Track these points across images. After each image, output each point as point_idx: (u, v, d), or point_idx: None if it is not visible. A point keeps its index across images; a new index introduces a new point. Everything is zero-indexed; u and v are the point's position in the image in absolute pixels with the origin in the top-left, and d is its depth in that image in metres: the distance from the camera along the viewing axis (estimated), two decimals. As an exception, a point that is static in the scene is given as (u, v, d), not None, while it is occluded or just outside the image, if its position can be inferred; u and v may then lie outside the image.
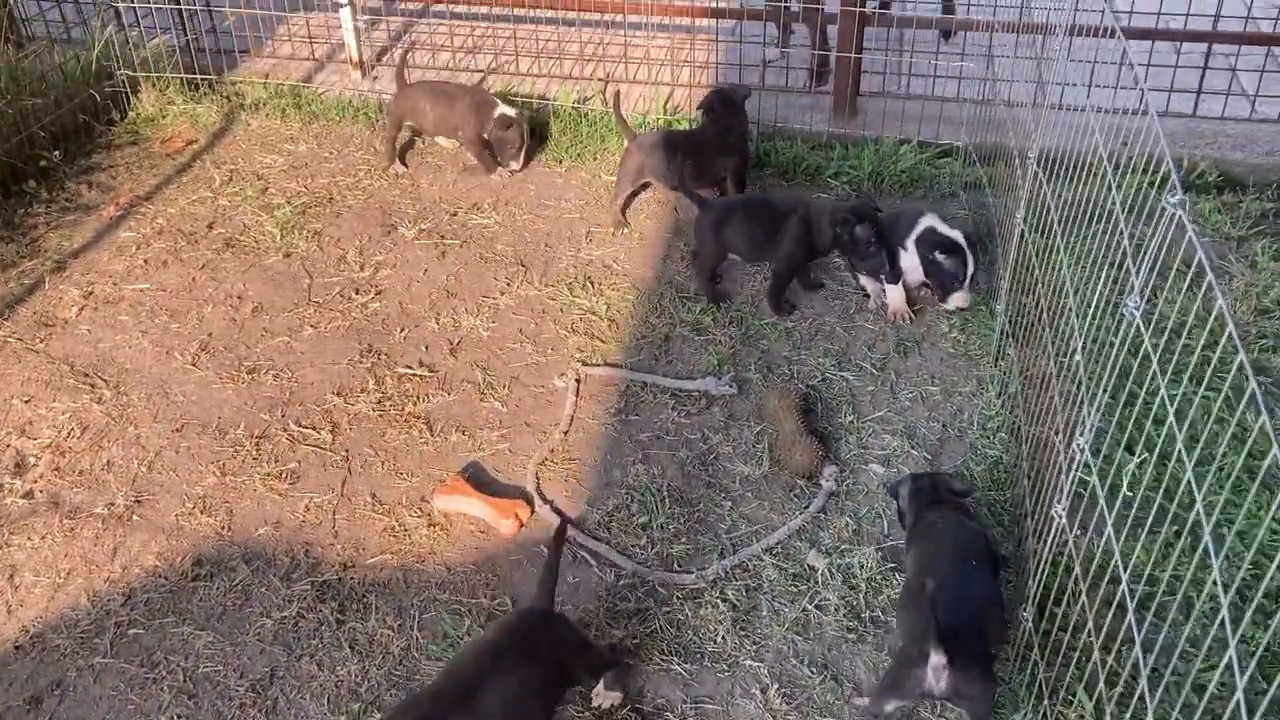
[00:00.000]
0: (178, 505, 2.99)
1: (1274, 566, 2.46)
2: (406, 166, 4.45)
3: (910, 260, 3.55)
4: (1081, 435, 2.11)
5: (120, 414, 3.30)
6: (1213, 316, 2.92)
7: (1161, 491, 2.65)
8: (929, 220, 3.55)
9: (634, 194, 4.12)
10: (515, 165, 4.31)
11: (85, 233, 4.11)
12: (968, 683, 2.21)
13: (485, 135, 4.27)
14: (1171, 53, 4.64)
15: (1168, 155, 1.94)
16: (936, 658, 2.17)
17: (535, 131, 4.48)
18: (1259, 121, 4.37)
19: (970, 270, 3.48)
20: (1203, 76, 4.38)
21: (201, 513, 2.97)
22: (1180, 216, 1.80)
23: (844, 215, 3.47)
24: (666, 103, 4.67)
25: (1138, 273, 1.93)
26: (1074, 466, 2.14)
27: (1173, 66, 4.48)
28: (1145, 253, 1.89)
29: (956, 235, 3.50)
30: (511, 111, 4.24)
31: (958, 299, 3.51)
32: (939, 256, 3.47)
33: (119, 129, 4.75)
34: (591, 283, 3.77)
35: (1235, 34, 4.43)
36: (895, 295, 3.56)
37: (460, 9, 5.19)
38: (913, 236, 3.54)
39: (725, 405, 3.24)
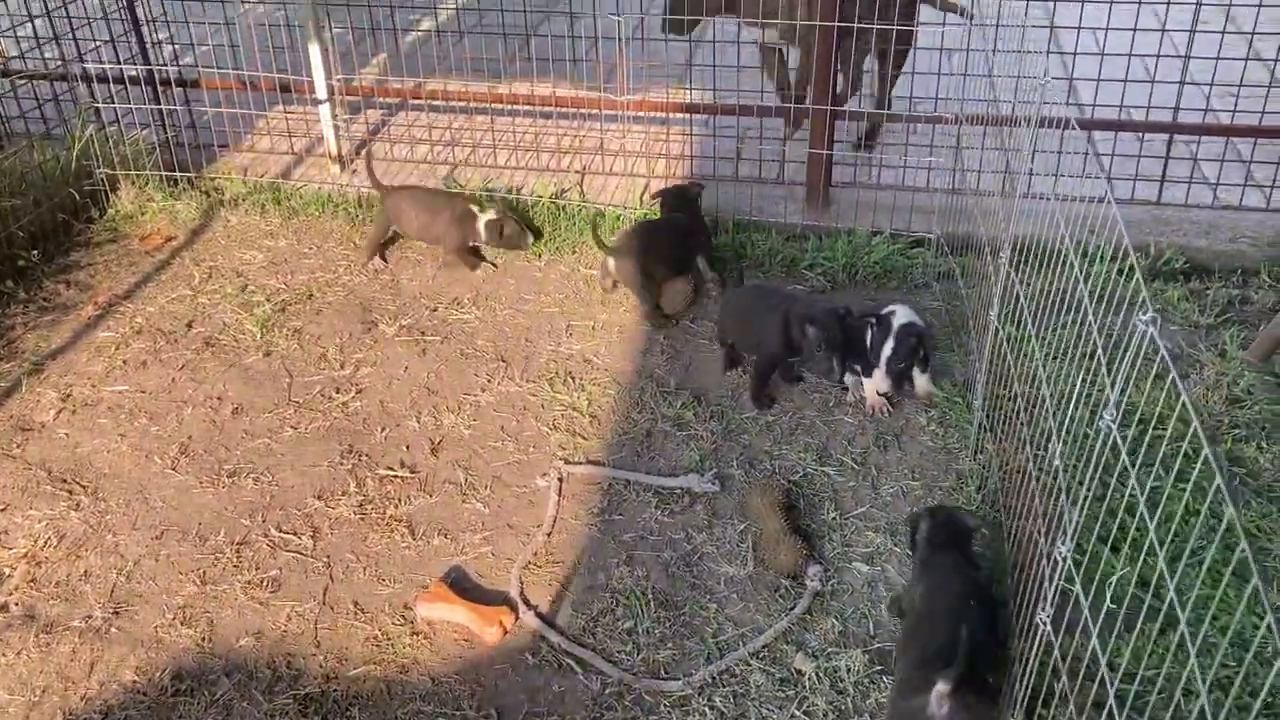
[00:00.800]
0: (157, 616, 2.96)
1: (1248, 656, 2.48)
2: (386, 262, 4.48)
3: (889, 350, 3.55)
4: (1063, 543, 2.13)
5: (98, 521, 3.27)
6: (1181, 408, 2.98)
7: (1144, 586, 2.68)
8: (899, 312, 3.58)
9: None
10: (528, 243, 4.43)
11: (63, 333, 4.11)
12: (966, 708, 2.33)
13: (470, 244, 4.38)
14: (1135, 141, 4.77)
15: (1138, 272, 1.99)
16: (941, 685, 2.31)
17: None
18: (1221, 208, 4.48)
19: (886, 352, 3.49)
20: (1165, 165, 4.50)
21: (181, 624, 2.93)
22: (1151, 334, 1.84)
23: (801, 317, 3.53)
24: (642, 194, 4.74)
25: (1113, 386, 1.96)
26: (1057, 573, 2.16)
27: (1136, 156, 4.60)
28: (1118, 368, 1.92)
29: (907, 319, 3.54)
30: (493, 214, 4.30)
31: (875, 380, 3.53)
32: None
33: (98, 226, 4.77)
34: (572, 378, 3.79)
35: (1195, 125, 4.55)
36: (870, 389, 3.59)
37: (438, 102, 5.27)
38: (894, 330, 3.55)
39: (708, 503, 3.24)
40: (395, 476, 3.40)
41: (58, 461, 3.51)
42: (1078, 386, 2.62)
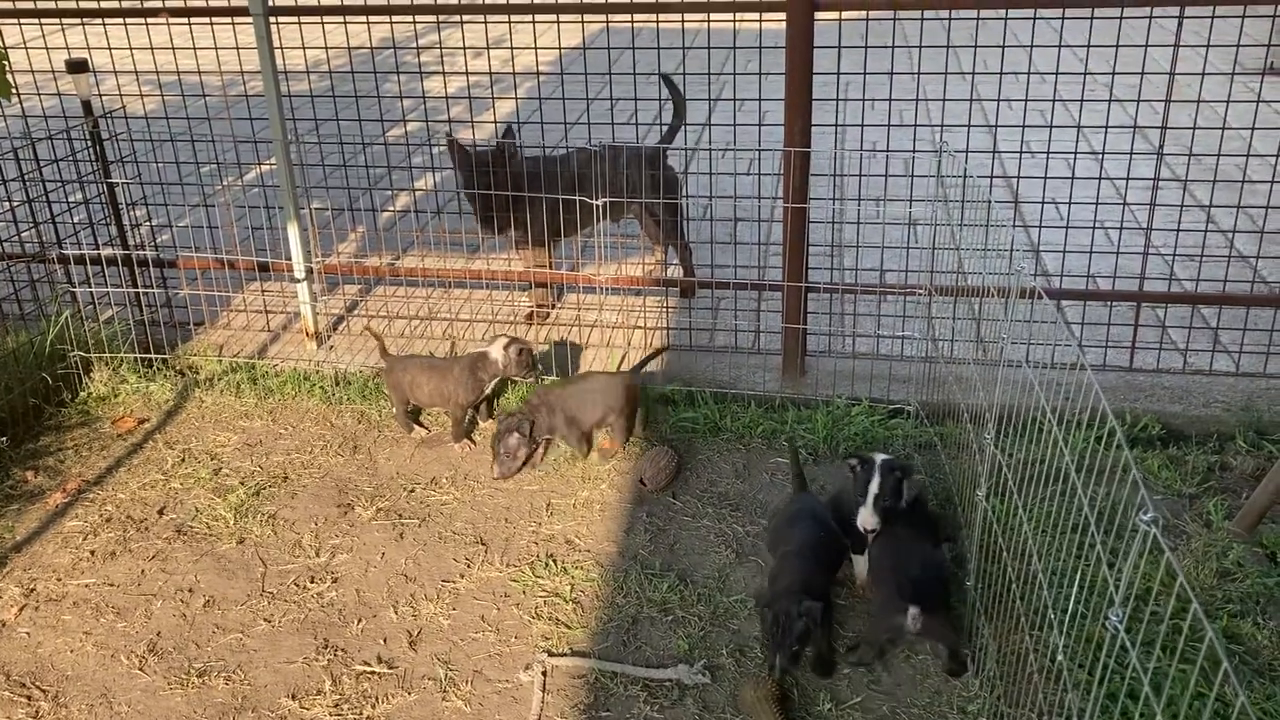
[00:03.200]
0: (118, 837, 2.79)
1: None
2: (426, 428, 4.53)
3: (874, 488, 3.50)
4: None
5: (59, 730, 3.12)
6: (1178, 583, 2.95)
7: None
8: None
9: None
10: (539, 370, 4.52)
11: (30, 523, 4.00)
12: (934, 623, 3.05)
13: (484, 395, 4.43)
14: (1103, 309, 4.86)
15: (1136, 470, 1.98)
16: (914, 609, 2.96)
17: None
18: (1192, 374, 4.54)
19: (873, 489, 3.42)
20: (1135, 332, 4.58)
21: (144, 845, 2.76)
22: (1155, 534, 1.82)
23: None
24: (620, 365, 4.75)
25: (1117, 587, 1.93)
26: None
27: (1105, 323, 4.68)
28: (1121, 567, 1.90)
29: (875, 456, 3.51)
30: (505, 339, 4.38)
31: (861, 517, 3.43)
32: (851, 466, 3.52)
33: (69, 409, 4.71)
34: (554, 560, 3.71)
35: (1161, 294, 4.67)
36: (860, 566, 3.53)
37: (415, 278, 5.32)
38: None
39: (699, 695, 3.13)
40: (372, 673, 3.27)
41: (18, 663, 3.36)
42: (1073, 565, 2.59)
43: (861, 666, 3.22)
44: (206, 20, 4.83)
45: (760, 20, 4.31)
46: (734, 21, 4.34)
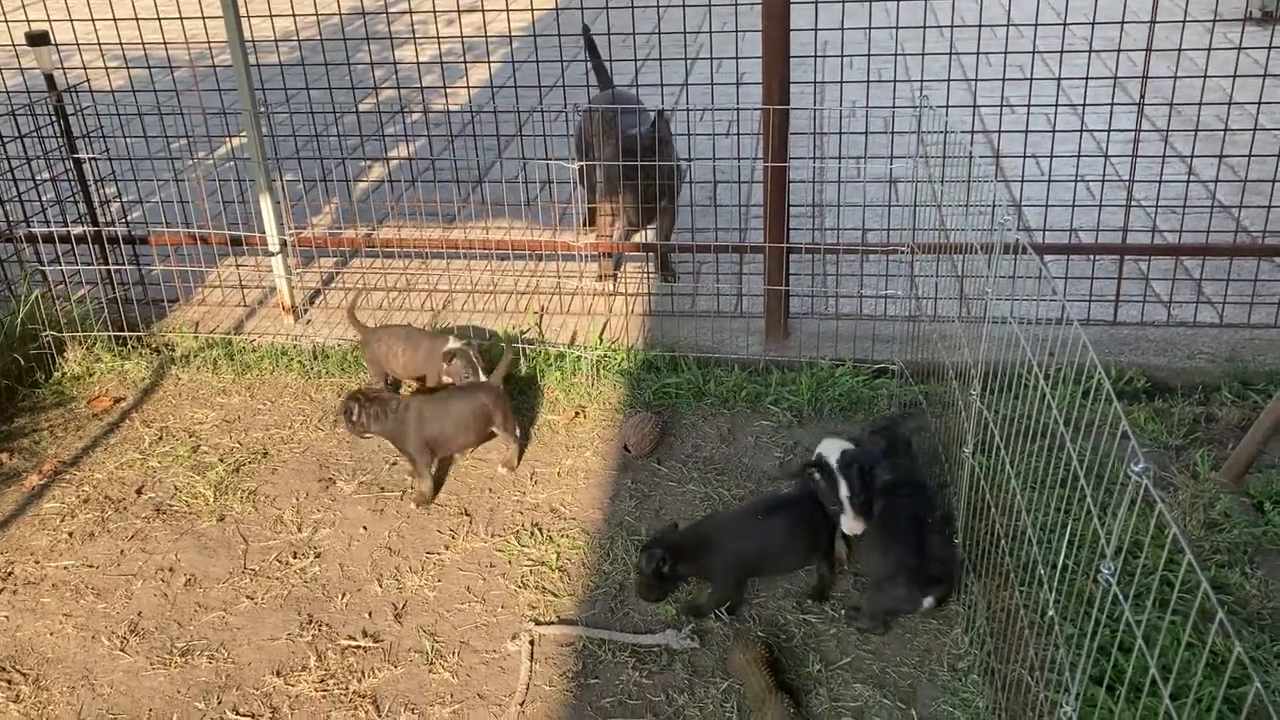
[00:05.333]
0: (103, 819, 2.75)
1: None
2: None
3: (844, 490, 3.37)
4: (1067, 704, 2.04)
5: (40, 713, 3.07)
6: (1169, 535, 2.93)
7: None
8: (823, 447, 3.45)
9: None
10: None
11: (6, 506, 3.94)
12: (946, 592, 3.13)
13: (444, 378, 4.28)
14: (1087, 263, 4.83)
15: (1124, 422, 1.95)
16: (931, 597, 3.07)
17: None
18: (1176, 326, 4.52)
19: (844, 493, 3.29)
20: (1119, 285, 4.55)
21: (130, 826, 2.73)
22: (1146, 485, 1.79)
23: None
24: (602, 332, 4.71)
25: (1108, 541, 1.90)
26: (1063, 735, 2.06)
27: (1089, 277, 4.65)
28: (1114, 520, 1.87)
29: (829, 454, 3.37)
30: (452, 344, 4.21)
31: (846, 525, 3.32)
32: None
33: (44, 390, 4.64)
34: (540, 529, 3.68)
35: (1144, 246, 4.63)
36: (847, 530, 3.48)
37: (392, 249, 5.24)
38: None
39: (688, 660, 3.11)
40: (358, 647, 3.24)
41: (-3, 648, 3.31)
42: (1062, 521, 2.56)
43: (862, 630, 3.19)
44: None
45: (735, -23, 4.23)
46: (709, -21, 4.27)
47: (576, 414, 4.29)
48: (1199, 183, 5.29)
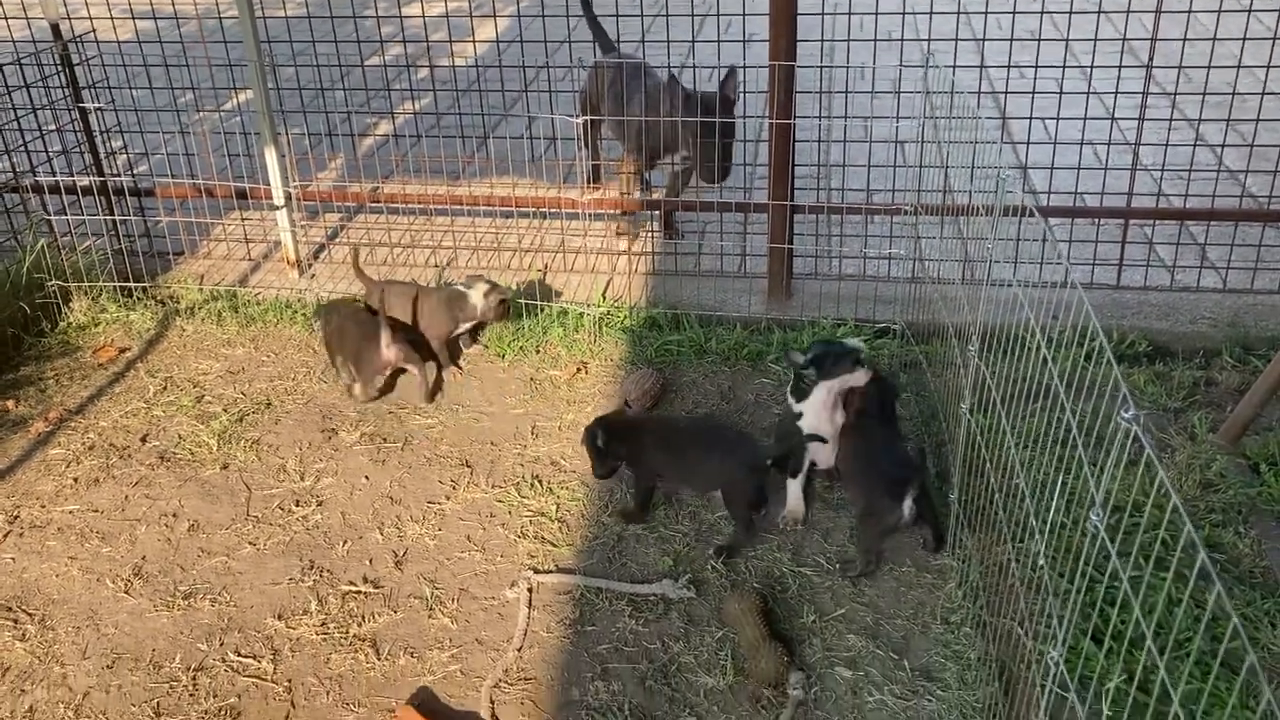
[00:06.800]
0: (107, 753, 2.80)
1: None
2: None
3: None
4: (1054, 648, 2.06)
5: (46, 652, 3.12)
6: (1161, 497, 2.94)
7: (1128, 680, 2.61)
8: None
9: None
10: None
11: (12, 451, 3.98)
12: (925, 507, 3.22)
13: (456, 332, 4.35)
14: (1091, 226, 4.83)
15: (1116, 371, 1.96)
16: (908, 501, 3.14)
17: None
18: (1179, 291, 4.52)
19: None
20: (1122, 249, 4.54)
21: (133, 761, 2.78)
22: (1136, 432, 1.80)
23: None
24: (605, 291, 4.72)
25: (1098, 485, 1.92)
26: (1050, 680, 2.09)
27: (1093, 241, 4.65)
28: (1103, 466, 1.88)
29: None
30: (485, 285, 4.30)
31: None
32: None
33: (50, 339, 4.66)
34: (540, 481, 3.71)
35: (1149, 210, 4.62)
36: (793, 493, 3.52)
37: (397, 204, 5.25)
38: None
39: (684, 609, 3.15)
40: (358, 593, 3.28)
41: (3, 589, 3.35)
42: (1056, 477, 2.58)
43: (865, 577, 3.23)
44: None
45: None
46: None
47: (578, 370, 4.31)
48: (1205, 147, 5.27)
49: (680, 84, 4.50)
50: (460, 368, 4.37)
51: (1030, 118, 4.59)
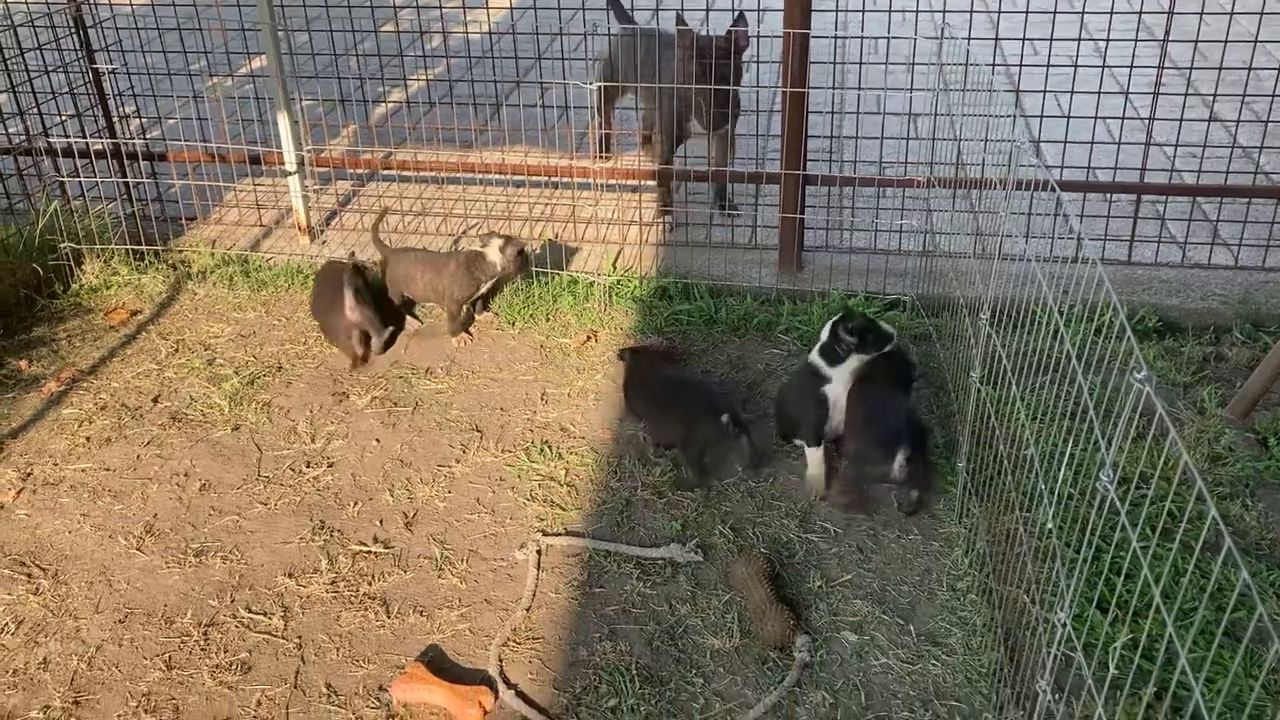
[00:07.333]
0: (120, 705, 2.83)
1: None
2: (420, 320, 4.53)
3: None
4: (1061, 609, 2.08)
5: (59, 605, 3.15)
6: (1169, 467, 2.95)
7: (1132, 647, 2.63)
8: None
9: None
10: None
11: (25, 410, 4.00)
12: (917, 470, 3.24)
13: (478, 292, 4.39)
14: (1103, 202, 4.82)
15: (1128, 327, 1.97)
16: (900, 457, 3.17)
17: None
18: (1190, 267, 4.51)
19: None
20: (1134, 225, 4.54)
21: (146, 712, 2.80)
22: (1147, 392, 1.81)
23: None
24: (616, 261, 4.72)
25: (1108, 446, 1.93)
26: (1057, 640, 2.10)
27: (1105, 216, 4.64)
28: (1114, 426, 1.89)
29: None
30: (501, 240, 4.30)
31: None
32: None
33: (62, 301, 4.68)
34: (549, 447, 3.72)
35: (1161, 185, 4.61)
36: (813, 461, 3.53)
37: (409, 173, 5.25)
38: None
39: (691, 573, 3.17)
40: (369, 552, 3.30)
41: (17, 544, 3.39)
42: (1067, 447, 2.59)
43: (841, 508, 3.36)
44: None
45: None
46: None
47: (588, 338, 4.32)
48: (1219, 123, 5.25)
49: (693, 32, 4.50)
50: (471, 334, 4.38)
51: (1044, 91, 4.56)
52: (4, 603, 3.16)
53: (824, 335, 3.55)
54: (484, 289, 4.37)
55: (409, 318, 4.48)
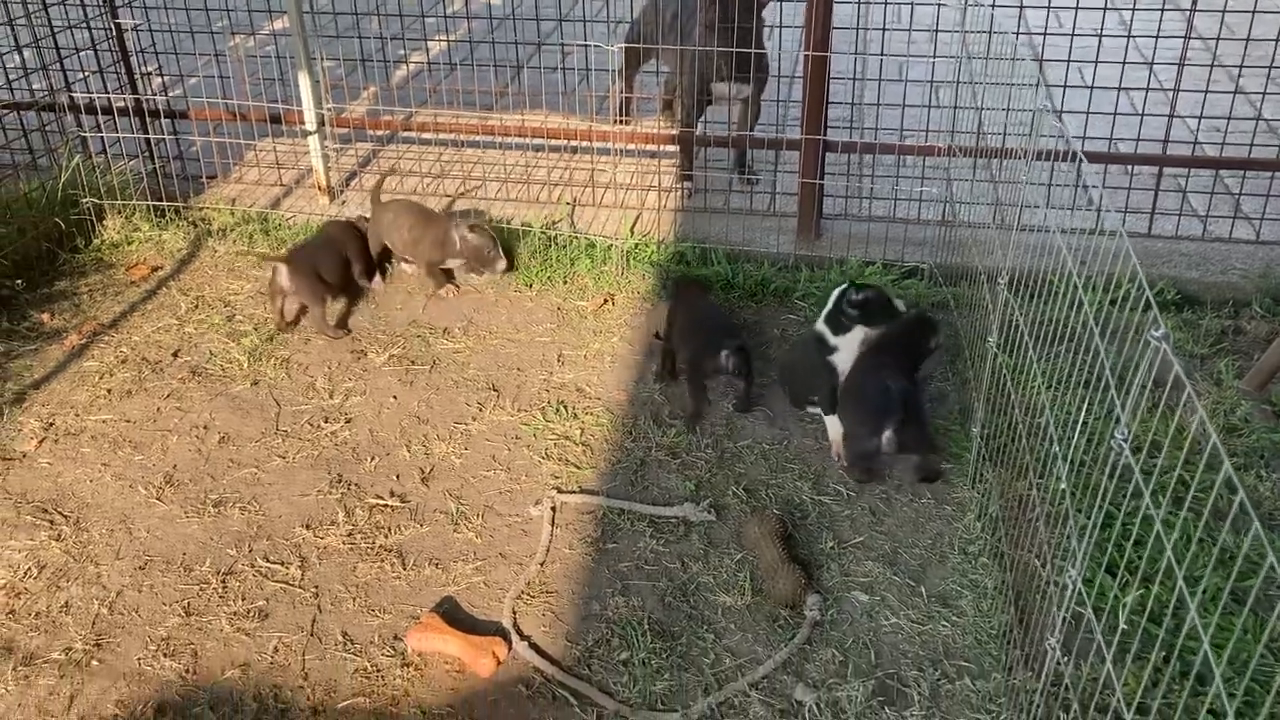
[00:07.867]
0: (140, 648, 2.88)
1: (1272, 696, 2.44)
2: (382, 281, 4.54)
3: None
4: (1073, 567, 2.09)
5: (80, 552, 3.19)
6: (1181, 433, 2.95)
7: (1140, 611, 2.65)
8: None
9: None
10: (499, 269, 4.41)
11: (47, 362, 4.04)
12: (910, 438, 3.26)
13: (446, 263, 4.41)
14: (1124, 175, 4.79)
15: (1146, 288, 1.97)
16: (887, 432, 3.23)
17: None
18: (1211, 241, 4.49)
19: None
20: (1155, 198, 4.51)
21: (165, 656, 2.85)
22: (1165, 350, 1.82)
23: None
24: (634, 226, 4.73)
25: (1123, 406, 1.94)
26: (1068, 599, 2.12)
27: (1126, 188, 4.62)
28: (1129, 386, 1.90)
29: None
30: (467, 227, 4.33)
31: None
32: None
33: (84, 255, 4.72)
34: (565, 407, 3.75)
35: (1184, 158, 4.58)
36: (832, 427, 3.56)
37: (428, 135, 5.25)
38: None
39: (704, 532, 3.19)
40: (385, 506, 3.34)
41: (39, 491, 3.43)
42: (1081, 412, 2.60)
43: (853, 478, 3.39)
44: None
45: None
46: None
47: (605, 301, 4.34)
48: (1244, 95, 5.21)
49: None
50: (457, 285, 4.41)
51: (1068, 60, 4.53)
52: (27, 548, 3.20)
53: (830, 303, 3.56)
54: (449, 264, 4.40)
55: (376, 275, 4.52)
